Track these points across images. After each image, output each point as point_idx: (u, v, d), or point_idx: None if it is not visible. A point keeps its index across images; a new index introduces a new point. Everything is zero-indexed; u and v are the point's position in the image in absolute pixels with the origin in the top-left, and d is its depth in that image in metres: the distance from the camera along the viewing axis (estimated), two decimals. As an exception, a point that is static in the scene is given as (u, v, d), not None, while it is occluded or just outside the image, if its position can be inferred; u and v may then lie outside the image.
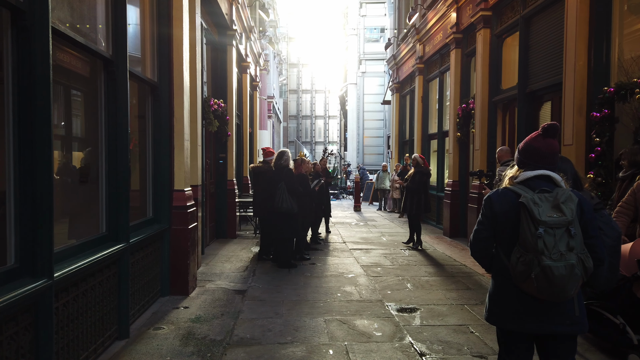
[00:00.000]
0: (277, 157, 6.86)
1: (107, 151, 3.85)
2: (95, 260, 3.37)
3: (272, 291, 5.52)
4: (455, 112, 9.51)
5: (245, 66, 11.72)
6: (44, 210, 2.67)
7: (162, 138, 5.16)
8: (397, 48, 14.82)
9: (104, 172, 3.84)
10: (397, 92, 15.24)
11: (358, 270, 6.63)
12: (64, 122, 3.92)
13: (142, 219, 4.86)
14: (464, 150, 9.52)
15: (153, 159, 5.12)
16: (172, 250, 5.23)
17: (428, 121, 12.22)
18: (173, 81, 5.22)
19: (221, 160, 9.31)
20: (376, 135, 36.12)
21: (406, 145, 14.83)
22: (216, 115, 8.13)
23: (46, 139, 2.68)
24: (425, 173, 8.25)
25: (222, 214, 9.27)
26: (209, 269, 6.63)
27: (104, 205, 3.86)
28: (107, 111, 3.84)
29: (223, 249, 8.12)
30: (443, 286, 5.79)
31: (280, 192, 6.62)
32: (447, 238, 9.53)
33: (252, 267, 6.83)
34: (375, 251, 8.12)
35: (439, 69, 11.10)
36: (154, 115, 5.11)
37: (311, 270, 6.66)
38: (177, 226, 5.26)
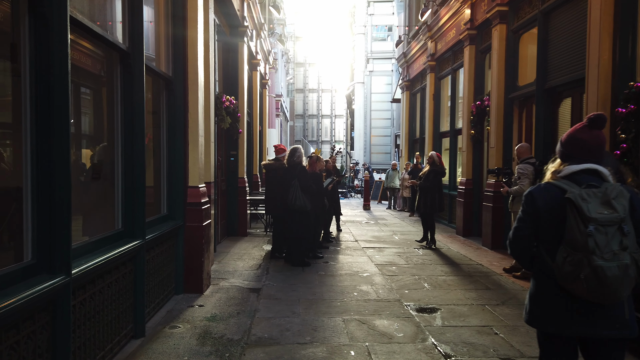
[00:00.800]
0: (290, 154, 6.76)
1: (123, 146, 3.76)
2: (112, 257, 3.28)
3: (287, 290, 5.42)
4: (468, 110, 9.36)
5: (256, 64, 11.64)
6: (61, 206, 2.59)
7: (176, 133, 5.08)
8: (408, 46, 14.67)
9: (120, 168, 3.75)
10: (407, 90, 15.10)
11: (373, 269, 6.51)
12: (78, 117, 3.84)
13: (157, 215, 4.77)
14: (477, 148, 9.37)
15: (167, 154, 5.04)
16: (186, 247, 5.14)
17: (440, 119, 12.07)
18: (187, 76, 5.13)
19: (232, 158, 9.23)
20: (383, 134, 35.95)
21: (416, 144, 14.68)
22: (228, 112, 8.04)
23: (64, 131, 2.59)
24: (440, 172, 8.11)
25: (233, 211, 9.19)
26: (222, 266, 6.54)
27: (119, 201, 3.77)
28: (123, 105, 3.75)
29: (235, 247, 8.04)
30: (461, 286, 5.66)
31: (294, 189, 6.52)
32: (460, 237, 9.39)
33: (265, 265, 6.73)
34: (389, 250, 8.00)
35: (452, 66, 10.95)
36: (168, 110, 5.02)
37: (325, 268, 6.56)
38: (191, 223, 5.17)
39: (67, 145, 2.63)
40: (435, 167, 8.10)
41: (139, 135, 3.82)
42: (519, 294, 5.29)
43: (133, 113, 3.76)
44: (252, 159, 11.34)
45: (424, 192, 8.07)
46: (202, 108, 5.42)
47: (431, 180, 8.01)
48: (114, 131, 3.73)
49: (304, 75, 52.68)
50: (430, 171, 8.08)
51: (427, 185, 7.98)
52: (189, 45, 5.11)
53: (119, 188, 3.77)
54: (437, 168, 8.10)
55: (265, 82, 14.39)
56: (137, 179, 3.81)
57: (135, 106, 3.78)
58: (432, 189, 8.01)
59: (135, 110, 3.77)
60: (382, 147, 35.97)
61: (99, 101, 3.96)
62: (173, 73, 5.03)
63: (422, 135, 13.71)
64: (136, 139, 3.80)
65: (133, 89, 3.77)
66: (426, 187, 8.02)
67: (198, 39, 5.18)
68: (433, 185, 8.00)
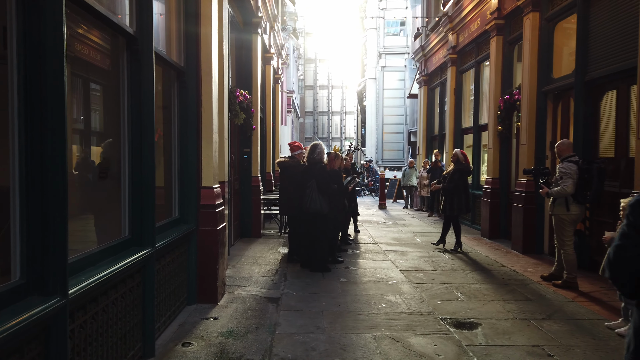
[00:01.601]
0: (310, 151, 6.30)
1: (130, 143, 3.34)
2: (118, 270, 2.86)
3: (308, 299, 4.99)
4: (495, 105, 8.83)
5: (269, 57, 11.19)
6: (56, 214, 2.17)
7: (188, 129, 4.65)
8: (426, 39, 14.12)
9: (127, 168, 3.33)
10: (424, 84, 14.56)
11: (398, 276, 6.05)
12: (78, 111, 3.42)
13: (167, 219, 4.36)
14: (505, 145, 8.85)
15: (179, 152, 4.62)
16: (199, 253, 4.73)
17: (461, 115, 11.54)
18: (201, 66, 4.70)
19: (245, 156, 8.81)
20: (396, 131, 35.37)
21: (435, 141, 14.16)
22: (242, 107, 7.62)
23: (59, 123, 2.17)
24: (466, 171, 7.61)
25: (247, 212, 8.77)
26: (237, 272, 6.12)
27: (126, 205, 3.35)
28: (131, 97, 3.33)
29: (249, 250, 7.62)
30: (498, 296, 5.18)
31: (310, 191, 6.07)
32: (486, 239, 8.89)
33: (282, 270, 6.31)
34: (412, 254, 7.53)
35: (475, 59, 10.41)
36: (180, 103, 4.60)
37: (347, 274, 6.11)
38: (205, 227, 4.75)
39: (64, 141, 2.21)
40: (460, 166, 7.60)
41: (148, 131, 3.40)
42: (565, 307, 4.80)
43: (141, 105, 3.34)
44: (265, 156, 10.91)
45: (450, 193, 7.58)
46: (217, 102, 4.99)
47: (456, 180, 7.51)
48: (119, 126, 3.31)
49: (314, 71, 52.29)
50: (455, 170, 7.58)
51: (452, 186, 7.49)
52: (202, 32, 4.67)
53: (125, 190, 3.35)
54: (462, 167, 7.60)
55: (278, 77, 13.95)
56: (146, 179, 3.39)
57: (143, 98, 3.35)
58: (458, 190, 7.52)
59: (143, 102, 3.35)
60: (394, 144, 35.40)
61: (103, 92, 3.53)
62: (185, 63, 4.61)
63: (442, 131, 13.19)
64: (145, 134, 3.37)
65: (141, 79, 3.34)
66: (451, 187, 7.53)
67: (212, 26, 4.75)
68: (458, 185, 7.51)
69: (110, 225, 3.42)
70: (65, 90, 2.21)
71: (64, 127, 2.20)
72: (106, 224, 3.43)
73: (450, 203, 7.58)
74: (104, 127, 3.47)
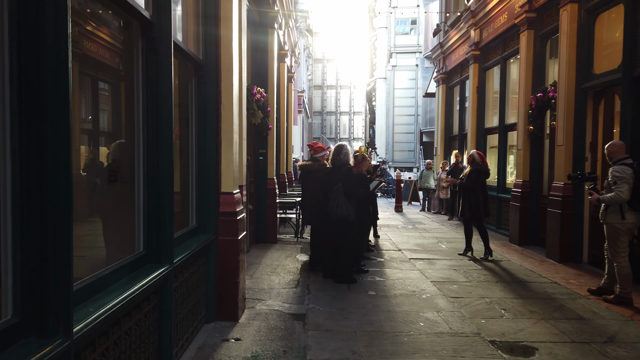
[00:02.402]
0: (335, 152, 5.84)
1: (145, 145, 2.90)
2: (133, 295, 2.42)
3: (337, 316, 4.53)
4: (526, 103, 8.32)
5: (283, 54, 10.75)
6: (57, 234, 1.73)
7: (207, 129, 4.21)
8: (445, 36, 13.61)
9: (142, 172, 2.90)
10: (443, 83, 14.05)
11: (430, 288, 5.58)
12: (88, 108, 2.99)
13: (185, 229, 3.92)
14: (536, 146, 8.33)
15: (196, 154, 4.18)
16: (219, 266, 4.28)
17: (484, 114, 11.02)
18: (220, 59, 4.26)
19: (261, 157, 8.37)
20: (407, 131, 34.85)
21: (454, 141, 13.64)
22: (258, 106, 7.18)
23: (63, 116, 1.73)
24: (483, 172, 7.14)
25: (262, 216, 8.33)
26: (255, 283, 5.68)
27: (141, 216, 2.92)
28: (147, 91, 2.89)
29: (266, 257, 7.18)
30: (546, 313, 4.69)
31: (336, 195, 5.61)
32: (515, 246, 8.38)
33: (304, 281, 5.85)
34: (440, 262, 7.04)
35: (501, 55, 9.89)
36: (198, 100, 4.16)
37: (374, 286, 5.64)
38: (224, 236, 4.31)
39: (67, 137, 1.77)
40: (477, 167, 7.13)
41: (167, 130, 2.96)
42: (625, 327, 4.30)
43: (159, 101, 2.90)
44: (280, 158, 10.48)
45: (467, 195, 7.11)
46: (237, 99, 4.55)
47: (473, 180, 7.04)
48: (133, 124, 2.87)
49: (322, 71, 51.93)
50: (472, 171, 7.11)
51: (468, 186, 7.02)
52: (222, 21, 4.23)
53: (140, 198, 2.91)
54: (479, 167, 7.13)
55: (291, 75, 13.53)
56: (164, 186, 2.96)
57: (161, 92, 2.91)
58: (475, 191, 7.05)
59: (161, 98, 2.91)
60: (405, 144, 34.87)
61: (114, 86, 3.09)
62: (204, 55, 4.16)
63: (462, 131, 12.67)
64: (163, 134, 2.94)
65: (159, 71, 2.90)
66: (468, 188, 7.06)
67: (233, 15, 4.30)
68: (475, 186, 7.03)
69: (122, 236, 2.98)
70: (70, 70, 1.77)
71: (68, 117, 1.76)
72: (117, 234, 2.99)
73: (469, 205, 7.11)
74: (115, 125, 3.03)
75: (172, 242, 3.08)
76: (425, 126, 27.80)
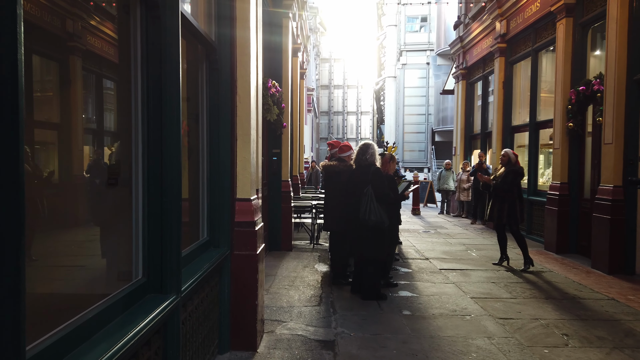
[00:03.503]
0: (360, 152, 5.18)
1: (146, 141, 2.25)
2: (129, 344, 1.77)
3: (372, 344, 3.86)
4: (564, 97, 7.61)
5: (296, 49, 10.11)
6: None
7: (220, 125, 3.57)
8: (465, 29, 12.90)
9: (141, 178, 2.24)
10: (462, 79, 13.33)
11: (472, 307, 4.89)
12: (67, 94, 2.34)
13: (194, 243, 3.27)
14: (575, 144, 7.62)
15: (208, 154, 3.53)
16: (234, 286, 3.63)
17: (511, 110, 10.30)
18: (236, 41, 3.61)
19: (275, 157, 7.73)
20: (417, 130, 34.09)
21: (475, 140, 12.93)
22: (273, 101, 6.54)
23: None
24: (519, 173, 6.44)
25: (276, 221, 7.69)
26: (273, 299, 5.03)
27: (140, 233, 2.26)
28: (147, 72, 2.24)
29: (281, 267, 6.52)
30: (617, 339, 3.99)
31: (367, 199, 4.94)
32: (552, 254, 7.66)
33: (327, 296, 5.20)
34: (475, 274, 6.35)
35: (532, 47, 9.17)
36: (210, 90, 3.51)
37: (408, 304, 4.97)
38: (240, 251, 3.66)
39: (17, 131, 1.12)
40: (512, 167, 6.44)
41: (173, 122, 2.30)
42: None
43: (163, 84, 2.25)
44: (293, 158, 9.83)
45: (501, 198, 6.42)
46: (254, 89, 3.90)
47: (509, 182, 6.34)
48: (131, 115, 2.21)
49: (329, 71, 51.46)
50: (508, 172, 6.41)
51: (505, 189, 6.33)
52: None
53: (138, 212, 2.25)
54: (515, 168, 6.43)
55: (303, 72, 12.87)
56: (169, 195, 2.30)
57: (166, 74, 2.26)
58: (511, 194, 6.35)
59: (166, 80, 2.26)
60: (415, 144, 34.10)
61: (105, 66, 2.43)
62: (217, 38, 3.51)
63: (485, 130, 11.96)
64: (168, 128, 2.28)
65: (163, 46, 2.25)
66: (504, 191, 6.36)
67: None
68: (512, 189, 6.34)
69: (118, 261, 2.33)
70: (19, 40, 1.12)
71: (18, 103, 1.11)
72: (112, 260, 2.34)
73: (501, 210, 6.41)
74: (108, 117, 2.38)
75: (179, 265, 2.42)
76: (438, 125, 27.04)
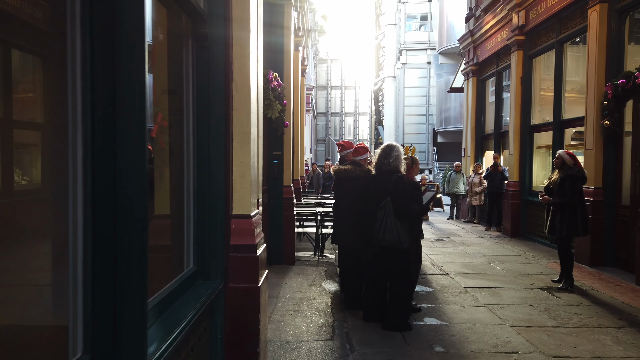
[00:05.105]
0: (382, 155, 4.36)
1: (89, 144, 1.42)
2: None
3: (406, 398, 3.04)
4: (599, 92, 6.83)
5: (298, 42, 9.31)
6: None
7: (211, 120, 2.75)
8: (476, 23, 12.13)
9: (81, 196, 1.41)
10: (473, 75, 12.55)
11: (515, 339, 4.09)
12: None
13: (176, 279, 2.45)
14: (612, 145, 6.84)
15: (195, 158, 2.71)
16: (228, 328, 2.81)
17: (530, 108, 9.52)
18: (232, 12, 2.79)
19: (276, 160, 6.91)
20: (418, 131, 33.33)
21: (487, 141, 12.16)
22: (275, 96, 5.72)
23: None
24: (579, 177, 5.62)
25: (278, 232, 6.87)
26: (277, 330, 4.20)
27: (78, 280, 1.43)
28: (92, 46, 1.41)
29: (284, 287, 5.70)
30: None
31: (383, 214, 4.12)
32: (585, 267, 6.87)
33: (340, 326, 4.38)
34: (506, 293, 5.55)
35: (556, 38, 8.39)
36: (197, 75, 2.69)
37: (438, 336, 4.15)
38: (238, 283, 2.83)
39: None
40: (569, 171, 5.62)
41: (132, 119, 1.47)
42: None
43: (117, 58, 1.41)
44: (295, 161, 9.02)
45: (560, 207, 5.60)
46: (255, 76, 3.08)
47: (569, 188, 5.53)
48: (65, 107, 1.39)
49: (327, 71, 50.91)
50: (565, 177, 5.59)
51: (567, 202, 5.50)
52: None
53: (77, 248, 1.42)
54: (573, 172, 5.61)
55: (304, 68, 12.08)
56: (125, 221, 1.47)
57: (122, 40, 1.43)
58: (571, 202, 5.53)
59: (121, 51, 1.42)
60: (416, 145, 33.21)
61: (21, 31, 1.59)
62: (207, 6, 2.69)
63: (499, 129, 11.19)
64: (124, 127, 1.45)
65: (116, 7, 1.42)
66: (563, 199, 5.53)
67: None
68: (572, 196, 5.53)
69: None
70: None
71: None
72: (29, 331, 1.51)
73: (562, 220, 5.58)
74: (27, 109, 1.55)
75: (144, 328, 1.59)
76: (441, 126, 26.28)
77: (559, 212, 5.60)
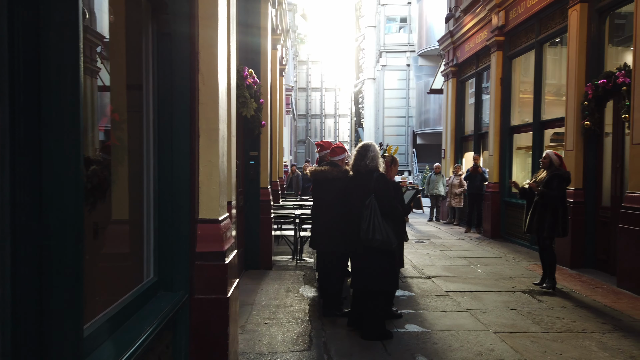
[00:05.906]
0: (358, 156, 4.16)
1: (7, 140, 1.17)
2: None
3: (387, 415, 2.84)
4: (578, 93, 6.80)
5: (276, 40, 9.06)
6: None
7: (174, 116, 2.50)
8: (456, 23, 12.10)
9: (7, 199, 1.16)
10: (453, 77, 12.52)
11: (500, 346, 3.94)
12: None
13: (132, 291, 2.19)
14: (592, 146, 6.81)
15: (156, 157, 2.46)
16: (194, 346, 2.56)
17: (510, 109, 9.49)
18: None
19: (252, 161, 6.65)
20: (397, 133, 33.39)
21: (466, 142, 12.13)
22: (250, 94, 5.48)
23: None
24: (565, 178, 5.54)
25: (254, 236, 6.62)
26: (250, 341, 3.95)
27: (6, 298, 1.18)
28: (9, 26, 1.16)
29: (260, 293, 5.45)
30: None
31: (370, 213, 3.93)
32: (566, 269, 6.81)
33: (318, 335, 4.16)
34: (488, 297, 5.42)
35: (536, 39, 8.36)
36: (158, 65, 2.44)
37: (420, 344, 3.97)
38: (204, 294, 2.59)
39: None
40: (556, 171, 5.53)
41: (61, 114, 1.22)
42: None
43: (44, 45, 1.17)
44: (273, 162, 8.76)
45: (541, 208, 5.51)
46: (225, 68, 2.85)
47: (556, 188, 5.44)
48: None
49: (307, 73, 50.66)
50: (553, 176, 5.49)
51: (554, 195, 5.41)
52: None
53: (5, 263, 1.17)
54: (559, 172, 5.53)
55: (283, 67, 11.86)
56: (55, 232, 1.22)
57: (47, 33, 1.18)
58: (554, 203, 5.45)
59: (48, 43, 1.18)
60: (396, 147, 33.37)
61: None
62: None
63: (479, 131, 11.16)
64: (50, 123, 1.20)
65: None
66: (552, 198, 5.43)
67: None
68: (558, 196, 5.44)
69: None
70: None
71: None
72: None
73: (541, 221, 5.50)
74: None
75: (79, 354, 1.35)
76: (420, 128, 26.38)
77: (538, 213, 5.51)
